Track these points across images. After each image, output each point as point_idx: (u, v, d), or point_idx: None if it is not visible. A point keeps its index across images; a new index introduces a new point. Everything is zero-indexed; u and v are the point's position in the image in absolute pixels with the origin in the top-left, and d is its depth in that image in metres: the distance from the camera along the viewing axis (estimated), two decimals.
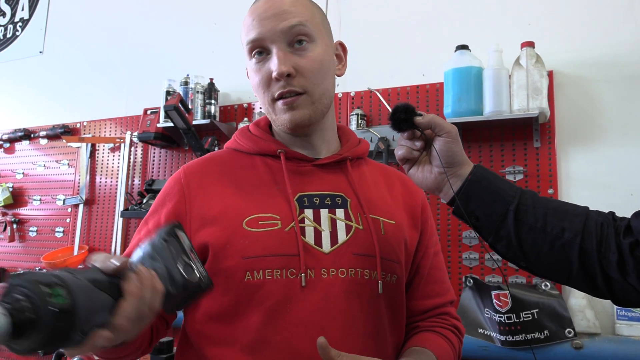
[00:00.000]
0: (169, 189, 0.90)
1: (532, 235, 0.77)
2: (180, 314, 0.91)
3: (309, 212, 0.86)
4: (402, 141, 0.87)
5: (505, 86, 1.82)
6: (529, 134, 1.90)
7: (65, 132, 2.96)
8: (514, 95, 1.81)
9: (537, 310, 1.66)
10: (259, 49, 0.86)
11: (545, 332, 1.65)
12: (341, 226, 0.86)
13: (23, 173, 3.12)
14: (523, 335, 1.66)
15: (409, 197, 0.99)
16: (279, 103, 0.86)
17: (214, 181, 0.89)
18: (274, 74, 0.83)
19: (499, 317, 1.68)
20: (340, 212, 0.88)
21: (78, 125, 3.00)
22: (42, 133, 3.03)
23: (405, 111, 0.83)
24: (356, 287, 0.84)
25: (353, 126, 2.11)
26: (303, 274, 0.81)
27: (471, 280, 1.83)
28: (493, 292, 1.71)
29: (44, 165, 3.05)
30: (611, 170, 1.79)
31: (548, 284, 1.73)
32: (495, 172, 0.84)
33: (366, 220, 0.88)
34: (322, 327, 0.80)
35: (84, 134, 2.95)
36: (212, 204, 0.85)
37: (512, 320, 1.67)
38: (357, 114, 2.12)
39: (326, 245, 0.84)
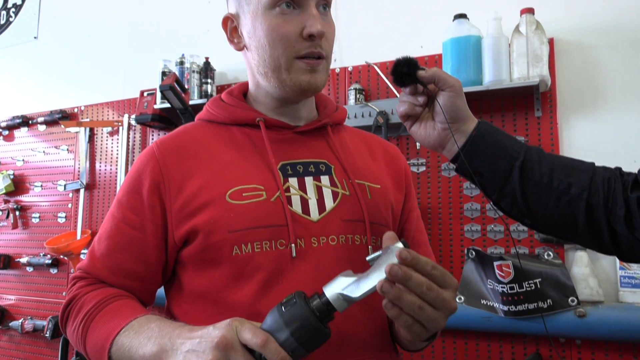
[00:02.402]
0: (142, 165, 0.86)
1: (537, 191, 0.76)
2: (161, 292, 0.90)
3: (293, 181, 0.85)
4: (404, 97, 0.85)
5: (504, 55, 1.79)
6: (529, 104, 1.87)
7: (63, 118, 2.94)
8: (514, 63, 1.77)
9: (539, 279, 1.66)
10: (289, 1, 0.82)
11: (549, 301, 1.64)
12: (327, 193, 0.85)
13: (23, 160, 3.11)
14: (526, 305, 1.65)
15: (391, 161, 0.99)
16: (301, 62, 0.83)
17: (190, 155, 0.86)
18: (313, 31, 0.80)
19: (502, 287, 1.68)
20: (325, 179, 0.87)
21: (76, 110, 2.98)
22: (40, 119, 3.01)
23: (408, 64, 0.81)
24: (347, 253, 0.83)
25: (351, 101, 2.09)
26: (293, 244, 0.80)
27: (473, 252, 1.82)
28: (495, 263, 1.70)
29: (44, 152, 3.04)
30: (614, 137, 1.76)
31: (551, 253, 1.72)
32: (500, 129, 0.82)
33: (352, 185, 0.87)
34: None
35: (82, 118, 2.93)
36: (192, 180, 0.83)
37: (515, 291, 1.66)
38: (355, 89, 2.09)
39: (314, 214, 0.83)
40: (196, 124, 0.93)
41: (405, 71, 0.81)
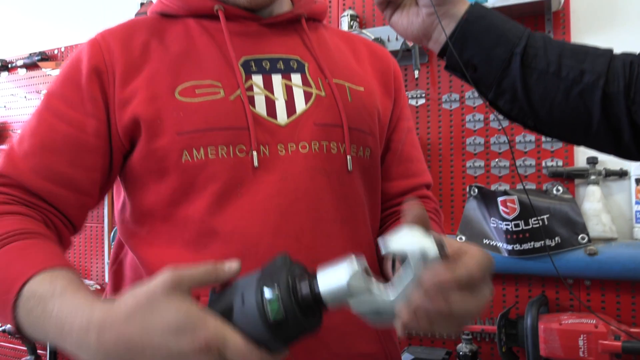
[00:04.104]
0: (81, 54, 0.71)
1: (542, 83, 0.61)
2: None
3: (257, 79, 0.71)
4: None
5: None
6: (540, 24, 1.68)
7: (42, 60, 2.78)
8: None
9: (547, 215, 1.52)
10: None
11: (557, 239, 1.52)
12: (299, 94, 0.71)
13: (5, 106, 2.97)
14: (532, 243, 1.53)
15: (379, 62, 0.84)
16: None
17: (138, 45, 0.71)
18: None
19: (506, 225, 1.55)
20: (296, 78, 0.72)
21: (56, 52, 2.82)
22: (20, 62, 2.86)
23: None
24: (322, 163, 0.70)
25: (344, 28, 1.91)
26: (255, 152, 0.66)
27: (476, 190, 1.68)
28: (499, 199, 1.56)
29: (25, 97, 2.89)
30: None
31: (560, 188, 1.58)
32: (497, 12, 0.66)
33: (329, 85, 0.73)
34: (282, 212, 0.67)
35: (63, 59, 2.77)
36: (138, 73, 0.69)
37: (520, 228, 1.53)
38: (349, 15, 1.91)
39: (282, 116, 0.69)
40: (148, 17, 0.78)
41: None
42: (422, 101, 1.85)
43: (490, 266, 0.51)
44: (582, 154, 1.62)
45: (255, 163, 0.66)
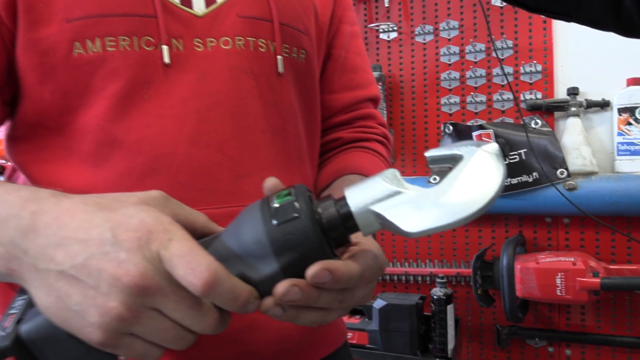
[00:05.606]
0: None
1: None
2: None
3: None
4: None
5: None
6: None
7: None
8: None
9: (525, 150, 1.44)
10: None
11: (534, 174, 1.43)
12: None
13: None
14: (508, 180, 1.44)
15: None
16: None
17: None
18: None
19: None
20: None
21: None
22: None
23: None
24: (248, 62, 0.59)
25: None
26: (165, 46, 0.55)
27: (450, 127, 1.58)
28: (474, 134, 1.47)
29: None
30: None
31: (539, 121, 1.49)
32: None
33: None
34: (200, 118, 0.56)
35: None
36: None
37: None
38: None
39: (199, 5, 0.58)
40: None
41: None
42: (393, 35, 1.72)
43: (379, 273, 0.45)
44: (562, 85, 1.52)
45: (166, 59, 0.55)
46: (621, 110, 1.42)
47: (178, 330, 0.38)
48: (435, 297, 1.47)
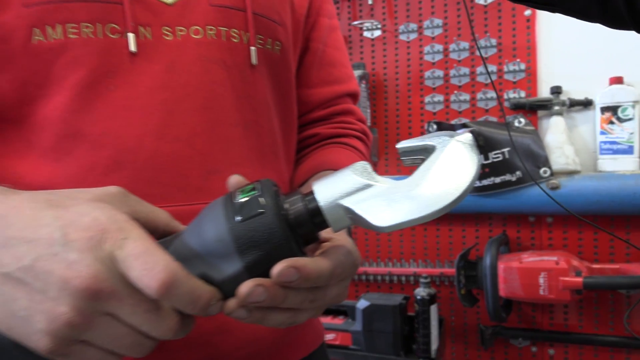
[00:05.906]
0: None
1: None
2: None
3: None
4: None
5: None
6: None
7: None
8: None
9: (508, 149, 1.43)
10: None
11: (518, 173, 1.43)
12: None
13: None
14: (491, 178, 1.44)
15: None
16: None
17: None
18: None
19: None
20: None
21: None
22: None
23: None
24: (219, 53, 0.56)
25: None
26: (131, 34, 0.52)
27: (434, 125, 1.57)
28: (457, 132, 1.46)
29: None
30: None
31: (522, 120, 1.48)
32: None
33: None
34: (169, 110, 0.53)
35: None
36: None
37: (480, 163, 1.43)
38: None
39: None
40: None
41: None
42: (377, 33, 1.71)
43: (353, 270, 0.43)
44: (545, 84, 1.52)
45: (132, 47, 0.52)
46: (604, 109, 1.42)
47: (135, 336, 0.36)
48: (418, 297, 1.46)
